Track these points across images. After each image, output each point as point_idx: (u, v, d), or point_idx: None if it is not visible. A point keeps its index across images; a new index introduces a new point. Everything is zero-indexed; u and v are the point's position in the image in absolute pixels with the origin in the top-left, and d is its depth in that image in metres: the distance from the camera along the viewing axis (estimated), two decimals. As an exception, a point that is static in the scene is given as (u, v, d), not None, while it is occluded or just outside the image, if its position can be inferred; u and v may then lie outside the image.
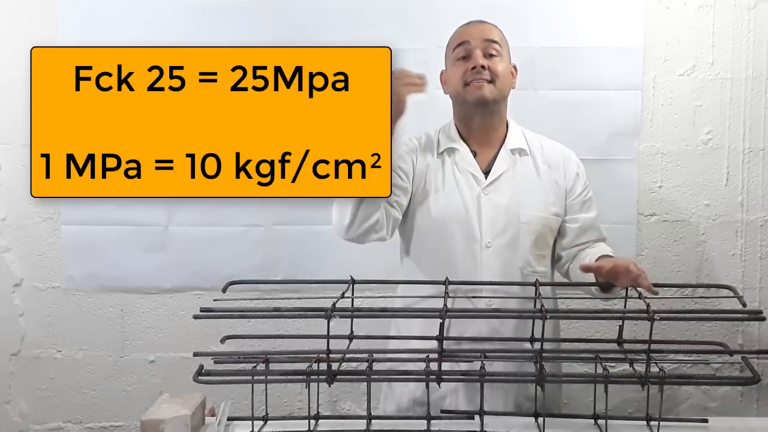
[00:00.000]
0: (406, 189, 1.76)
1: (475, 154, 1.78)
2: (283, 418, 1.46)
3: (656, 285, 1.57)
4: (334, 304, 1.32)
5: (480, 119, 1.78)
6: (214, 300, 1.38)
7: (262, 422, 1.42)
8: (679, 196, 2.39)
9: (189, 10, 2.33)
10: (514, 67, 1.82)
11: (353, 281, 1.48)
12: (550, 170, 1.78)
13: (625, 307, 1.52)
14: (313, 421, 1.40)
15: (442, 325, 1.28)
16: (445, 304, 1.31)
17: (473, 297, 1.63)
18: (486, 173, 1.76)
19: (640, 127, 2.35)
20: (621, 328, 1.46)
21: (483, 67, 1.71)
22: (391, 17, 2.32)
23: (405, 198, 1.77)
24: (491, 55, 1.73)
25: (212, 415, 1.47)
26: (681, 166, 2.38)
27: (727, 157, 2.38)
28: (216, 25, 2.33)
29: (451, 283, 1.48)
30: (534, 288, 1.48)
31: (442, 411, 1.48)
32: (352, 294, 1.53)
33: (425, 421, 1.36)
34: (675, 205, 2.39)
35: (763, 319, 1.31)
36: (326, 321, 1.26)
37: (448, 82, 1.81)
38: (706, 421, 1.45)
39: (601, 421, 1.38)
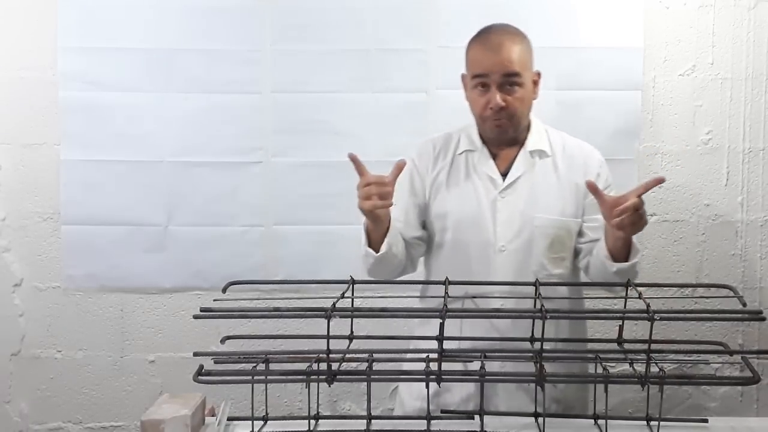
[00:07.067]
0: (422, 220, 1.78)
1: (495, 156, 1.75)
2: (283, 418, 1.46)
3: (656, 285, 1.57)
4: (334, 304, 1.31)
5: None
6: (214, 300, 1.38)
7: (262, 422, 1.42)
8: (679, 196, 2.39)
9: (189, 10, 2.33)
10: (537, 74, 1.73)
11: (353, 281, 1.48)
12: (570, 171, 1.74)
13: (625, 307, 1.52)
14: (313, 421, 1.40)
15: (442, 325, 1.28)
16: (445, 304, 1.30)
17: (483, 297, 1.60)
18: (504, 175, 1.73)
19: (640, 127, 2.35)
20: (621, 328, 1.46)
21: (501, 108, 1.65)
22: (391, 17, 2.32)
23: (422, 229, 1.79)
24: (511, 85, 1.65)
25: (212, 415, 1.46)
26: (681, 166, 2.38)
27: (727, 157, 2.38)
28: (216, 25, 2.33)
29: (451, 283, 1.47)
30: (541, 288, 1.46)
31: (442, 411, 1.48)
32: (352, 294, 1.53)
33: (425, 421, 1.36)
34: (675, 205, 2.39)
35: (763, 319, 1.30)
36: (326, 321, 1.26)
37: (469, 102, 1.74)
38: (706, 421, 1.44)
39: (601, 421, 1.38)
